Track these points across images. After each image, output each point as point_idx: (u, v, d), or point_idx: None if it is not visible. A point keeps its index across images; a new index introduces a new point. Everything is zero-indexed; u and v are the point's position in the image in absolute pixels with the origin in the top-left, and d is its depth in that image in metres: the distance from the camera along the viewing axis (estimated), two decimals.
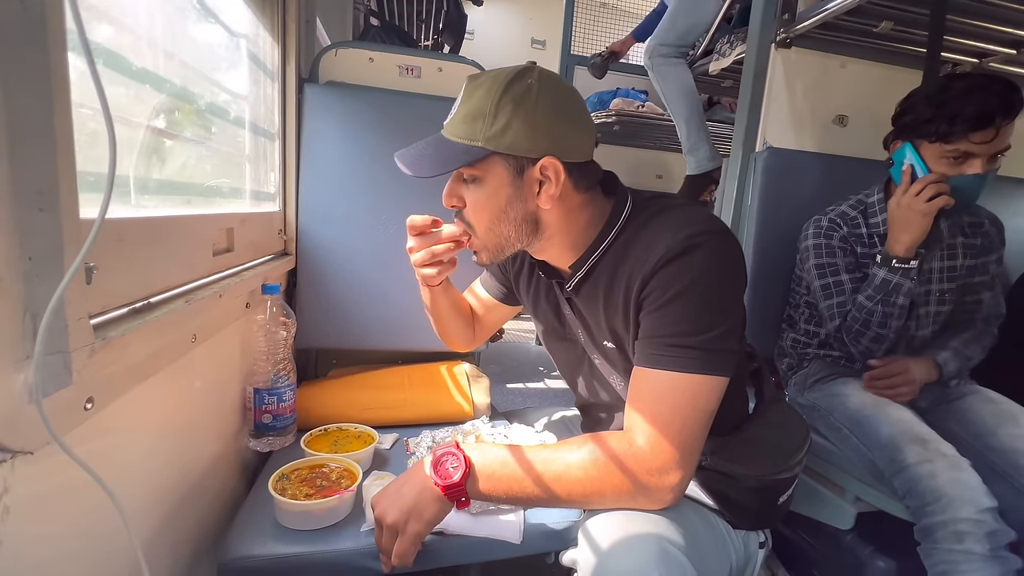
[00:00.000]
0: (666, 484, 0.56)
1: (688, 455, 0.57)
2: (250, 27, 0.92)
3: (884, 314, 0.91)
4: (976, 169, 0.84)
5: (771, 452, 0.69)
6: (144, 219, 0.55)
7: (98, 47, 0.50)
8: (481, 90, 0.58)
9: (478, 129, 0.58)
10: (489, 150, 0.58)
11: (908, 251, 0.88)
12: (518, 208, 0.61)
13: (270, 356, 0.85)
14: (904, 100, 0.94)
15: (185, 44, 0.69)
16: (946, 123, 0.83)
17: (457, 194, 0.64)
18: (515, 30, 4.22)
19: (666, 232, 0.58)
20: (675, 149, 2.65)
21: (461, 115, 0.59)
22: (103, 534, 0.47)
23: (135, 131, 0.57)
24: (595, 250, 0.65)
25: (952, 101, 0.83)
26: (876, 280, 0.91)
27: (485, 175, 0.60)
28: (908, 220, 0.87)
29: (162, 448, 0.61)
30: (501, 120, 0.57)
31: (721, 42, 1.69)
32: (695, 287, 0.56)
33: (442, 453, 0.61)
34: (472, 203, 0.63)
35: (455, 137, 0.59)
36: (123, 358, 0.46)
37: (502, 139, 0.57)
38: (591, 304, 0.68)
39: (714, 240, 0.57)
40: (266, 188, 1.03)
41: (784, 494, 0.72)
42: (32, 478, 0.38)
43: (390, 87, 1.16)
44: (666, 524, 0.57)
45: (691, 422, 0.56)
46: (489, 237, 0.64)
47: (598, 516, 0.60)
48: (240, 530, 0.67)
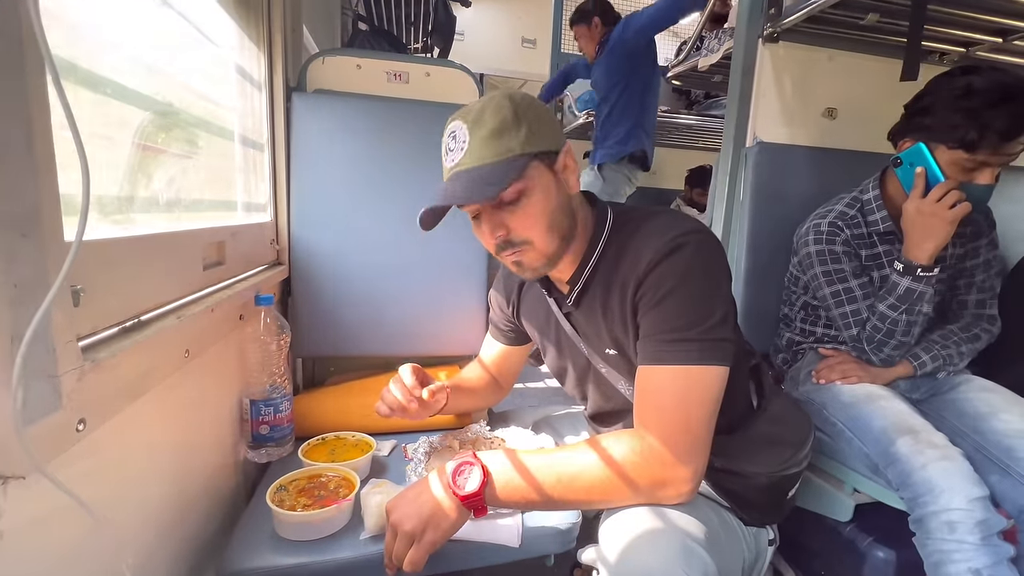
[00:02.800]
0: (681, 475, 0.58)
1: (699, 445, 0.58)
2: (234, 37, 0.92)
3: (908, 322, 0.89)
4: (987, 178, 0.83)
5: (778, 447, 0.71)
6: (131, 238, 0.55)
7: (79, 68, 0.50)
8: (488, 111, 0.59)
9: (511, 141, 0.58)
10: (530, 154, 0.59)
11: (931, 259, 0.86)
12: (564, 201, 0.64)
13: (265, 367, 0.85)
14: (921, 97, 0.88)
15: (169, 58, 0.69)
16: (976, 132, 0.79)
17: (499, 222, 0.62)
18: (505, 30, 4.22)
19: (652, 238, 0.62)
20: (667, 145, 2.66)
21: (483, 137, 0.58)
22: (97, 555, 0.47)
23: (121, 149, 0.57)
24: (588, 261, 0.68)
25: (983, 110, 0.78)
26: (900, 290, 0.88)
27: (531, 184, 0.60)
28: (932, 227, 0.84)
29: (159, 463, 0.61)
30: (525, 124, 0.59)
31: (709, 38, 1.69)
32: (685, 282, 0.59)
33: (460, 463, 0.62)
34: (524, 217, 0.61)
35: (493, 158, 0.58)
36: (115, 378, 0.46)
37: (536, 141, 0.59)
38: (590, 315, 0.70)
39: (697, 238, 0.60)
40: (257, 199, 1.02)
41: (792, 488, 0.73)
42: (26, 502, 0.38)
43: (379, 93, 1.16)
44: (686, 520, 0.58)
45: (698, 412, 0.58)
46: (550, 241, 0.63)
47: (618, 514, 0.60)
48: (239, 542, 0.67)
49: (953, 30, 1.19)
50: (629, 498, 0.59)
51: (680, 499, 0.59)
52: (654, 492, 0.59)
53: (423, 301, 1.13)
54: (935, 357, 0.95)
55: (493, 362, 0.95)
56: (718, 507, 0.68)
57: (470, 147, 0.59)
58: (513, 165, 0.58)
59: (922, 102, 0.88)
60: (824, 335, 1.08)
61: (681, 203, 2.54)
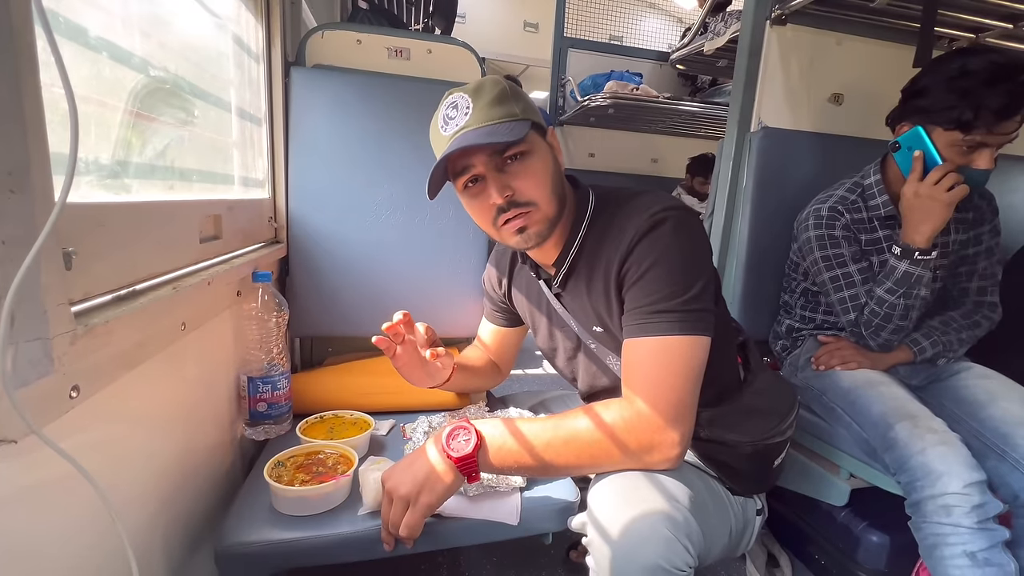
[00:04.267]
0: (669, 440, 0.60)
1: (685, 411, 0.61)
2: (232, 7, 0.89)
3: (906, 307, 0.89)
4: (985, 162, 0.82)
5: (762, 417, 0.73)
6: (125, 204, 0.54)
7: (72, 26, 0.48)
8: (487, 85, 0.63)
9: (512, 108, 0.62)
10: (531, 121, 0.63)
11: (928, 241, 0.86)
12: (558, 168, 0.68)
13: (263, 344, 0.85)
14: (917, 80, 0.88)
15: (164, 23, 0.67)
16: (971, 112, 0.79)
17: (504, 184, 0.64)
18: (507, 13, 4.14)
19: (633, 216, 0.64)
20: (670, 133, 2.63)
21: (487, 102, 0.62)
22: (93, 524, 0.47)
23: (114, 113, 0.56)
24: (572, 243, 0.70)
25: (978, 89, 0.78)
26: (897, 273, 0.88)
27: (531, 147, 0.64)
28: (929, 210, 0.84)
29: (155, 436, 0.61)
30: (521, 99, 0.64)
31: (714, 21, 1.66)
32: (666, 256, 0.61)
33: (453, 427, 0.63)
34: (528, 177, 0.64)
35: (499, 118, 0.61)
36: (108, 345, 0.45)
37: (530, 112, 0.64)
38: (577, 295, 0.72)
39: (676, 214, 0.63)
40: (254, 174, 1.01)
41: (777, 458, 0.76)
42: (19, 470, 0.38)
43: (379, 70, 1.14)
44: (672, 484, 0.60)
45: (683, 380, 0.60)
46: (552, 202, 0.66)
47: (605, 479, 0.62)
48: (237, 516, 0.67)
49: (964, 15, 1.17)
50: (619, 462, 0.61)
51: (668, 464, 0.61)
52: (642, 456, 0.60)
53: (422, 282, 1.12)
54: (935, 343, 0.95)
55: (491, 344, 0.96)
56: (705, 476, 0.70)
57: (474, 112, 0.62)
58: (519, 124, 0.61)
59: (918, 85, 0.88)
60: (824, 321, 1.07)
61: (682, 191, 2.51)
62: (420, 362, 0.77)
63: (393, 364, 0.77)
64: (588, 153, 2.62)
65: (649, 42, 2.94)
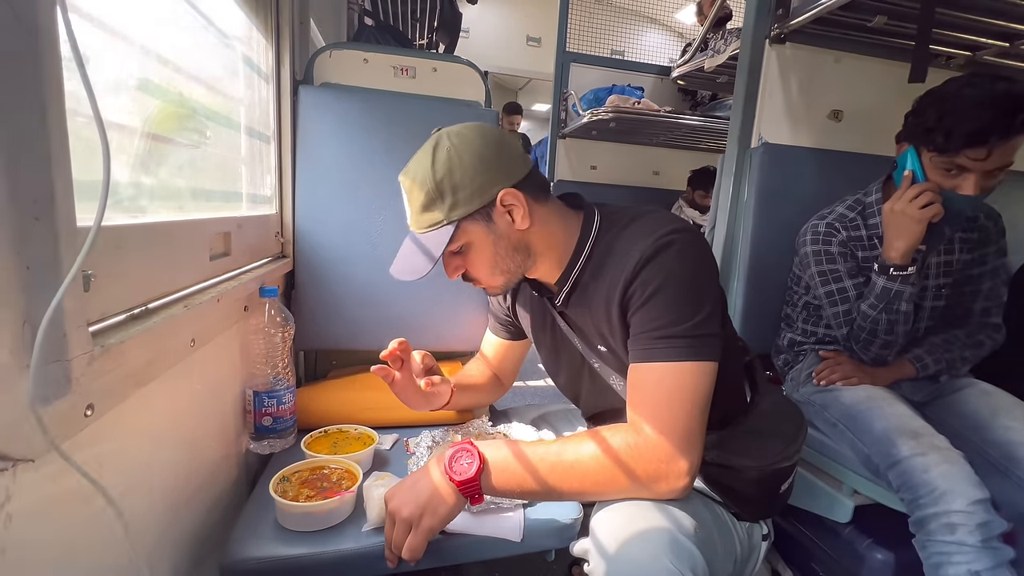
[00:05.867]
0: (676, 470, 0.58)
1: (693, 439, 0.59)
2: (243, 29, 0.92)
3: (889, 321, 0.90)
4: (968, 187, 0.82)
5: (770, 442, 0.71)
6: (141, 225, 0.55)
7: (89, 54, 0.50)
8: (416, 182, 0.64)
9: (438, 212, 0.64)
10: (456, 220, 0.64)
11: (904, 258, 0.87)
12: (505, 245, 0.67)
13: (269, 359, 0.85)
14: (921, 98, 0.89)
15: (178, 48, 0.69)
16: (943, 136, 0.81)
17: (455, 266, 0.70)
18: (511, 28, 4.21)
19: (639, 238, 0.63)
20: (671, 145, 2.66)
21: (417, 209, 0.65)
22: (105, 539, 0.47)
23: (131, 138, 0.57)
24: (576, 263, 0.70)
25: (957, 112, 0.79)
26: (877, 289, 0.90)
27: (468, 240, 0.66)
28: (902, 226, 0.86)
29: (163, 452, 0.61)
30: (448, 194, 0.63)
31: (715, 39, 1.69)
32: (672, 280, 0.60)
33: (456, 450, 0.63)
34: (471, 265, 0.69)
35: (425, 228, 0.66)
36: (122, 365, 0.46)
37: (460, 207, 0.64)
38: (581, 314, 0.72)
39: (683, 237, 0.62)
40: (262, 191, 1.03)
41: (784, 483, 0.73)
42: (34, 486, 0.38)
43: (385, 88, 1.16)
44: (677, 514, 0.58)
45: (690, 407, 0.59)
46: (495, 279, 0.70)
47: (609, 506, 0.61)
48: (242, 532, 0.67)
49: (960, 34, 1.19)
50: (624, 490, 0.60)
51: (675, 495, 0.60)
52: (649, 486, 0.59)
53: (426, 296, 1.13)
54: (937, 360, 0.96)
55: (494, 357, 0.96)
56: (710, 502, 0.69)
57: (410, 213, 0.67)
58: (443, 233, 0.64)
59: (917, 104, 0.90)
60: (825, 335, 1.08)
61: (683, 204, 2.53)
62: (417, 388, 0.79)
63: (392, 390, 0.79)
64: (590, 166, 2.65)
65: (650, 57, 2.98)
